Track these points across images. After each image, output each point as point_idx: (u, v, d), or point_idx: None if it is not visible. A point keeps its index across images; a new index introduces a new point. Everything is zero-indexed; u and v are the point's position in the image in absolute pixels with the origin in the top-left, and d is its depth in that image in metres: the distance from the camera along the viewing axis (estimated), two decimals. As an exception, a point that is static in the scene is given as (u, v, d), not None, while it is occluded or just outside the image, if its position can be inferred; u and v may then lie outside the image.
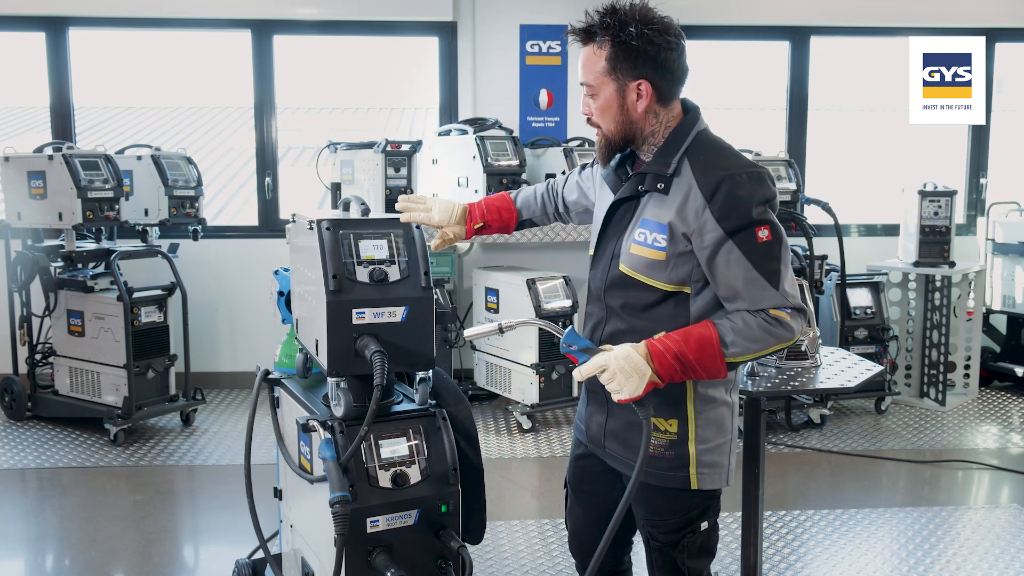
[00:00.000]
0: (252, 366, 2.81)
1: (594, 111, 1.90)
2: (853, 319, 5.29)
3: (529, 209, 2.30)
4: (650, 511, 2.00)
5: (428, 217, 2.18)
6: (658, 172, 1.86)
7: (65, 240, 4.93)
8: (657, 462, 1.94)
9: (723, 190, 1.76)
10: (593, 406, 2.07)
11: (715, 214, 1.77)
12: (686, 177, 1.83)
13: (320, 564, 2.25)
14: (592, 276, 2.03)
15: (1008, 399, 5.69)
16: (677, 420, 1.92)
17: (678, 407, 1.92)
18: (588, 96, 1.90)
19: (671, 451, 1.94)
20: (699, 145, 1.87)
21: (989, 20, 6.14)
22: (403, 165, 5.31)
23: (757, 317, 1.77)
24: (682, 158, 1.85)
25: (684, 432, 1.93)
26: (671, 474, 1.95)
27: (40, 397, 5.12)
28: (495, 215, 2.26)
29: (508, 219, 2.28)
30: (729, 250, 1.77)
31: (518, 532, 3.68)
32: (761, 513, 2.60)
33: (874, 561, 3.47)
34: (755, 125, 10.03)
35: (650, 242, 1.85)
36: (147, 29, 6.09)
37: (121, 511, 3.98)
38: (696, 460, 1.93)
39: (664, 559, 2.01)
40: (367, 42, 8.59)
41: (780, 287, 1.78)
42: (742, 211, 1.76)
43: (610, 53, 1.82)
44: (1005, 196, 6.09)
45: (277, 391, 2.55)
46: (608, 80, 1.85)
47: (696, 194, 1.80)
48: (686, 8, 5.99)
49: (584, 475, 2.17)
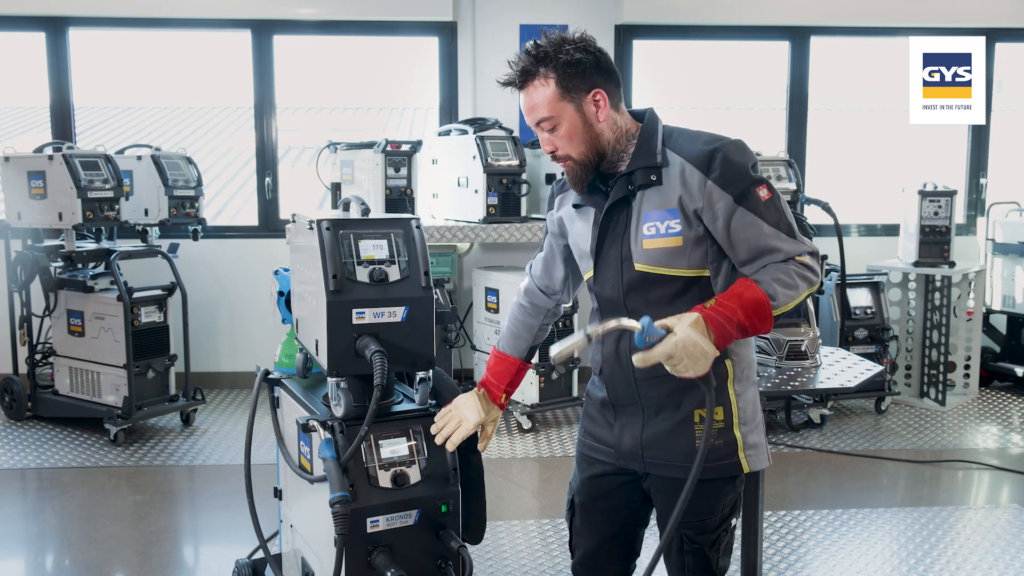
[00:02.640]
0: (252, 366, 2.81)
1: (558, 143, 1.90)
2: (853, 319, 5.28)
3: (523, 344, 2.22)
4: (693, 512, 1.93)
5: (467, 427, 2.09)
6: (647, 165, 1.88)
7: (65, 240, 4.93)
8: (709, 454, 1.90)
9: (718, 159, 1.82)
10: (624, 419, 2.01)
11: (718, 183, 1.82)
12: (675, 161, 1.87)
13: (320, 564, 2.25)
14: (601, 289, 1.99)
15: (1008, 399, 5.69)
16: (722, 407, 1.94)
17: (721, 393, 1.93)
18: (547, 132, 1.90)
19: (720, 439, 1.93)
20: (672, 134, 1.92)
21: (989, 20, 6.14)
22: (403, 165, 5.31)
23: (789, 265, 1.83)
24: (663, 148, 1.89)
25: (729, 418, 1.94)
26: (723, 463, 1.94)
27: (40, 397, 5.12)
28: (509, 377, 2.19)
29: (518, 369, 2.20)
30: (742, 214, 1.82)
31: (518, 532, 3.68)
32: (761, 513, 2.60)
33: (874, 561, 3.47)
34: (755, 125, 10.04)
35: (663, 231, 1.87)
36: (147, 29, 6.09)
37: (121, 511, 3.98)
38: (743, 443, 1.95)
39: (698, 561, 1.98)
40: (367, 42, 8.58)
41: (796, 236, 1.85)
42: (742, 174, 1.83)
43: (557, 78, 1.85)
44: (1005, 196, 6.08)
45: (277, 391, 2.55)
46: (565, 104, 1.87)
47: (692, 171, 1.84)
48: (686, 8, 6.00)
49: (601, 493, 2.10)
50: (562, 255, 2.14)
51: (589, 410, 2.11)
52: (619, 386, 1.98)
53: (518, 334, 2.21)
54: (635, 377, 1.94)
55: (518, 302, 2.23)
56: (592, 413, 2.10)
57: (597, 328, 1.76)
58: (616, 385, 1.99)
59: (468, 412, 2.11)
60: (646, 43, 6.18)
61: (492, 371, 2.19)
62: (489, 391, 2.16)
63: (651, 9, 5.94)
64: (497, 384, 2.17)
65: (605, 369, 2.00)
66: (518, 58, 1.89)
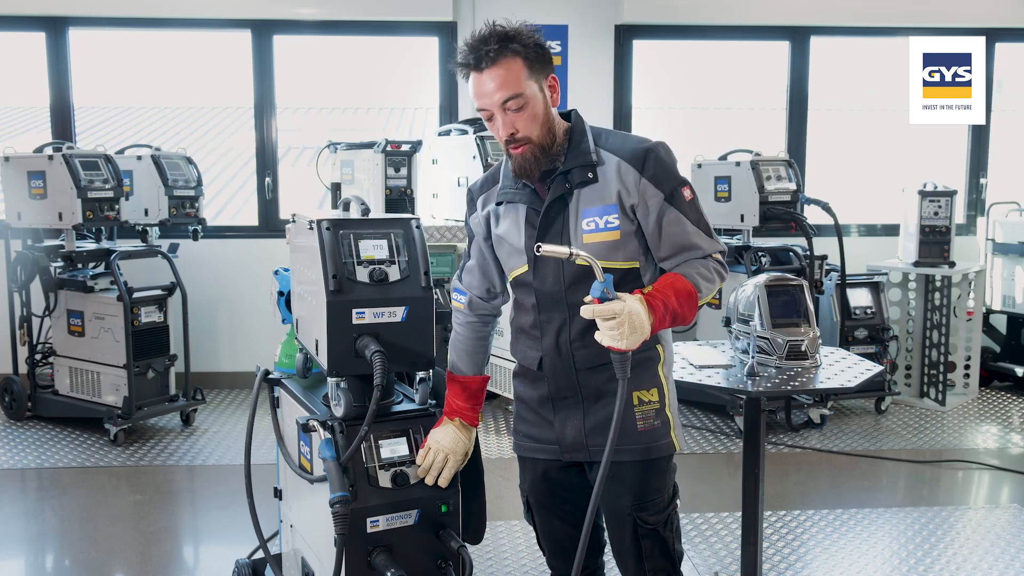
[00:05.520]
0: (252, 366, 2.81)
1: (521, 125, 1.93)
2: (853, 319, 5.28)
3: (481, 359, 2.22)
4: (642, 492, 2.02)
5: (456, 461, 2.08)
6: (583, 164, 1.96)
7: (65, 240, 4.93)
8: (648, 435, 2.01)
9: (651, 159, 1.94)
10: (564, 412, 2.07)
11: (651, 181, 1.93)
12: (609, 160, 1.96)
13: (320, 564, 2.25)
14: (541, 285, 2.02)
15: (1008, 399, 5.69)
16: (656, 388, 2.03)
17: (654, 375, 2.03)
18: (513, 111, 1.92)
19: (657, 420, 2.02)
20: (601, 134, 2.02)
21: (989, 20, 6.14)
22: (403, 165, 5.31)
23: (708, 262, 1.97)
24: (596, 148, 1.97)
25: (663, 399, 2.04)
26: (661, 443, 2.03)
27: (40, 397, 5.12)
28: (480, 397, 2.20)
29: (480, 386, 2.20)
30: (670, 212, 1.95)
31: (518, 532, 3.68)
32: (761, 513, 2.60)
33: (874, 561, 3.47)
34: (755, 125, 10.04)
35: (603, 225, 1.95)
36: (147, 29, 6.10)
37: (121, 511, 3.98)
38: (673, 423, 2.06)
39: (654, 543, 2.04)
40: (367, 42, 8.59)
41: (712, 235, 2.00)
42: (671, 174, 1.96)
43: (524, 56, 1.91)
44: (1005, 196, 6.08)
45: (277, 391, 2.55)
46: (531, 83, 1.92)
47: (627, 168, 1.94)
48: (686, 8, 6.00)
49: (555, 488, 2.15)
50: (493, 256, 2.16)
51: (522, 412, 2.16)
52: (560, 378, 2.04)
53: (473, 351, 2.22)
54: (575, 368, 2.02)
55: (463, 322, 2.22)
56: (525, 414, 2.15)
57: (579, 253, 1.78)
58: (557, 377, 2.05)
59: (451, 445, 2.09)
60: (646, 43, 6.18)
61: (460, 397, 2.17)
62: (465, 419, 2.15)
63: (651, 9, 5.94)
64: (472, 408, 2.17)
65: (546, 362, 2.05)
66: (481, 38, 1.91)
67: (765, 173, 5.12)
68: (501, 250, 2.11)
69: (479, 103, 1.95)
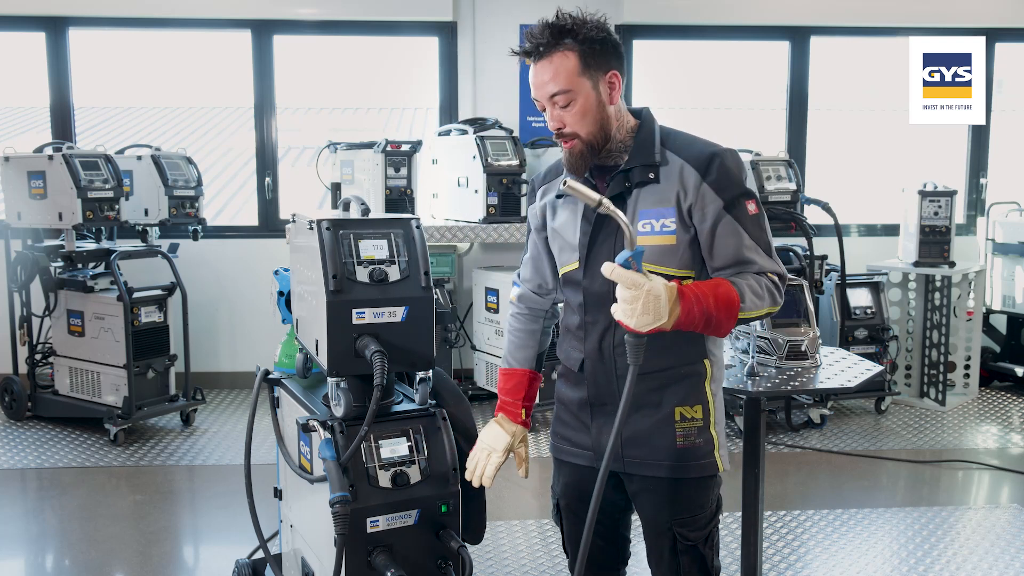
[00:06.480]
0: (252, 366, 2.81)
1: (569, 120, 1.87)
2: (853, 319, 5.28)
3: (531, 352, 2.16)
4: (683, 508, 1.95)
5: (497, 457, 2.05)
6: (645, 163, 1.89)
7: (65, 240, 4.93)
8: (691, 452, 1.92)
9: (715, 164, 1.85)
10: (602, 419, 1.98)
11: (712, 186, 1.84)
12: (673, 161, 1.88)
13: (320, 564, 2.25)
14: (591, 284, 1.95)
15: (1008, 399, 5.69)
16: (701, 405, 1.93)
17: (700, 393, 1.93)
18: (561, 107, 1.87)
19: (700, 438, 1.93)
20: (670, 134, 1.94)
21: (989, 20, 6.14)
22: (403, 165, 5.31)
23: (762, 279, 1.85)
24: (661, 148, 1.91)
25: (707, 416, 1.94)
26: (705, 461, 1.94)
27: (40, 397, 5.12)
28: (523, 390, 2.13)
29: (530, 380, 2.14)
30: (728, 222, 1.85)
31: (518, 532, 3.68)
32: (761, 513, 2.60)
33: (874, 561, 3.47)
34: (755, 125, 10.03)
35: (658, 229, 1.87)
36: (147, 29, 6.10)
37: (121, 511, 3.98)
38: (718, 443, 1.96)
39: (693, 559, 1.97)
40: (367, 42, 8.59)
41: (773, 256, 1.89)
42: (735, 182, 1.86)
43: (580, 52, 1.85)
44: (1005, 196, 6.08)
45: (277, 391, 2.55)
46: (584, 80, 1.86)
47: (689, 172, 1.86)
48: (686, 8, 6.00)
49: (587, 496, 1.99)
50: (547, 249, 2.10)
51: (561, 414, 2.08)
52: (600, 382, 1.96)
53: (523, 344, 2.15)
54: (616, 374, 1.93)
55: (514, 313, 2.18)
56: (564, 417, 2.07)
57: (609, 205, 1.69)
58: (597, 381, 1.97)
59: (493, 442, 2.06)
60: (646, 43, 6.18)
61: (504, 390, 2.13)
62: (507, 413, 2.11)
63: (651, 9, 5.94)
64: (513, 401, 2.11)
65: (587, 365, 1.98)
66: (539, 28, 1.86)
67: (765, 173, 5.12)
68: (554, 244, 2.04)
69: (532, 92, 1.92)
